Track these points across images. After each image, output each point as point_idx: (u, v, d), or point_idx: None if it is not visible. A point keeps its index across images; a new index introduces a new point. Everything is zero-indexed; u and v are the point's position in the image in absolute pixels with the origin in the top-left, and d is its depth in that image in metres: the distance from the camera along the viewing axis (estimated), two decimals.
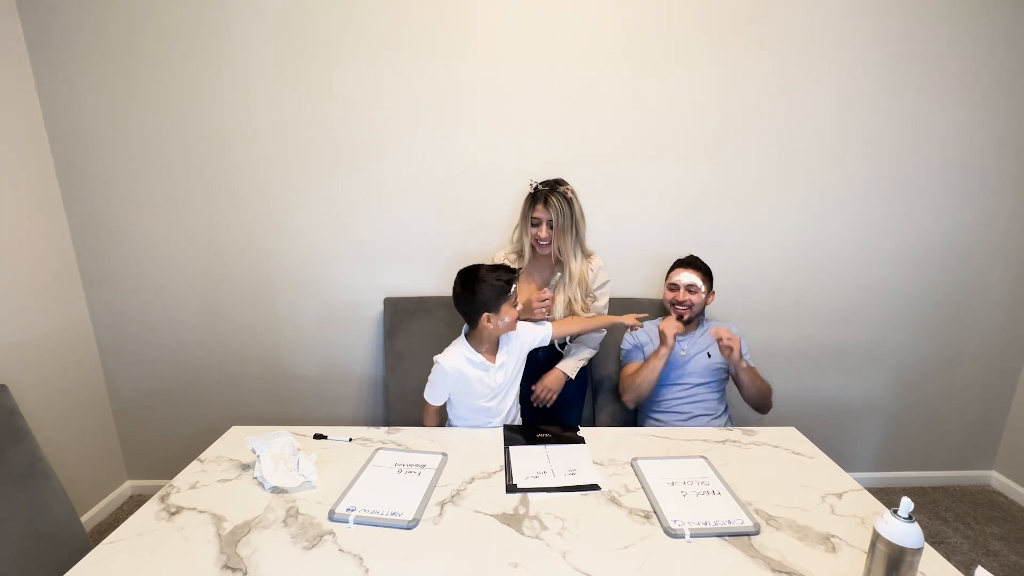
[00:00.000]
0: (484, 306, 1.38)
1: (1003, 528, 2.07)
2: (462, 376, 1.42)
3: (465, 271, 1.44)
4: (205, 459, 1.29)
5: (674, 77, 1.91)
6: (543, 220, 1.60)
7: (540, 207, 1.60)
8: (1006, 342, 2.22)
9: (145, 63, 1.84)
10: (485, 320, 1.39)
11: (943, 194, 2.04)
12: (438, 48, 1.86)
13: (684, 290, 1.74)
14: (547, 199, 1.59)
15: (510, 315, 1.40)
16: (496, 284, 1.38)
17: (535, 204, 1.61)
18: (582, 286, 1.68)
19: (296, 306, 2.08)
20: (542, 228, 1.61)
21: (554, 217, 1.59)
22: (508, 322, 1.41)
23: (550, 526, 1.04)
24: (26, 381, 1.76)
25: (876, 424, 2.28)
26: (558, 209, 1.58)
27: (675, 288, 1.76)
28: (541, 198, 1.60)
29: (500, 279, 1.39)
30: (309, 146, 1.93)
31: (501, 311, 1.39)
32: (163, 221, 1.97)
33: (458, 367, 1.42)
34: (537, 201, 1.61)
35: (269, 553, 0.96)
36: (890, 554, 0.82)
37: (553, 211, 1.59)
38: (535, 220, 1.62)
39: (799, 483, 1.20)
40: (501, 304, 1.39)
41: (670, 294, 1.77)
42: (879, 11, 1.87)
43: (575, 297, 1.67)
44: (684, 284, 1.73)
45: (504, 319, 1.40)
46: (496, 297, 1.38)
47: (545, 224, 1.61)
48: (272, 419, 2.12)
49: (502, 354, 1.47)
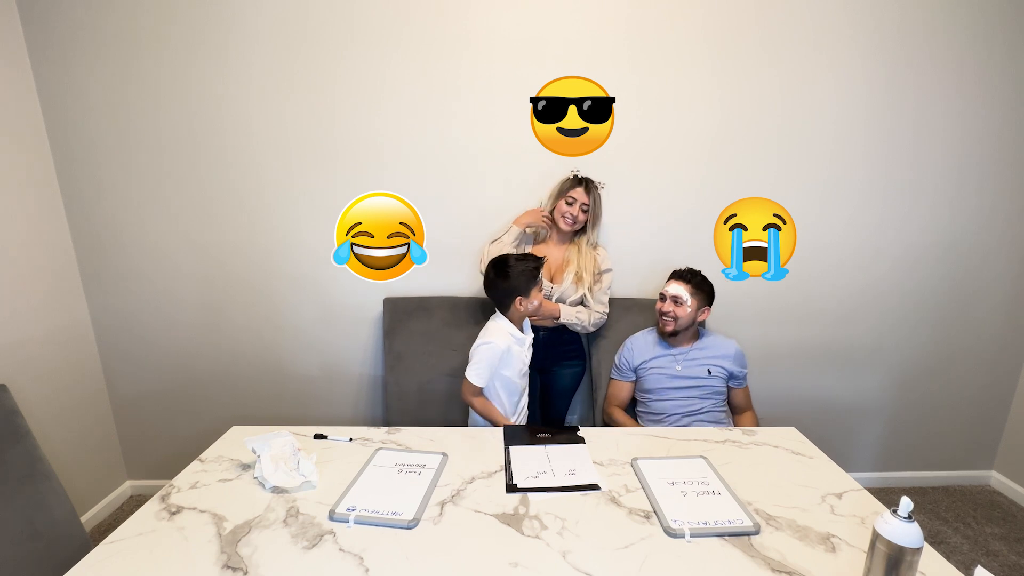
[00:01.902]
0: (516, 291, 1.56)
1: (1003, 528, 2.07)
2: (508, 352, 1.57)
3: (497, 260, 1.61)
4: (205, 459, 1.29)
5: (674, 77, 1.91)
6: (578, 201, 1.81)
7: (581, 190, 1.81)
8: (1006, 342, 2.22)
9: (145, 63, 1.84)
10: (518, 303, 1.57)
11: (943, 194, 2.05)
12: (438, 48, 1.86)
13: (669, 301, 1.73)
14: (588, 186, 1.83)
15: (538, 298, 1.59)
16: (527, 271, 1.56)
17: (576, 186, 1.82)
18: (596, 266, 1.86)
19: (296, 306, 2.08)
20: (575, 207, 1.81)
21: (591, 203, 1.82)
22: (536, 305, 1.59)
23: (550, 526, 1.04)
24: (26, 381, 1.76)
25: (876, 424, 2.28)
26: (595, 197, 1.84)
27: (663, 298, 1.76)
28: (583, 183, 1.82)
29: (529, 266, 1.57)
30: (309, 146, 1.93)
31: (531, 294, 1.57)
32: (163, 221, 1.97)
33: (508, 343, 1.56)
34: (579, 185, 1.82)
35: (269, 553, 0.96)
36: (890, 554, 0.82)
37: (592, 197, 1.83)
38: (571, 199, 1.81)
39: (799, 483, 1.20)
40: (531, 288, 1.57)
41: (659, 303, 1.78)
42: (879, 11, 1.87)
43: (585, 270, 1.83)
44: (670, 295, 1.73)
45: (534, 302, 1.58)
46: (527, 282, 1.56)
47: (579, 205, 1.81)
48: (272, 419, 2.12)
49: (528, 334, 1.66)
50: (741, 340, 1.87)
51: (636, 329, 1.89)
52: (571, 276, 1.82)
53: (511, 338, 1.57)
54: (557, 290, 1.83)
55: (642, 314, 1.98)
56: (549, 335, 1.86)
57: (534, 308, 1.59)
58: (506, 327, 1.59)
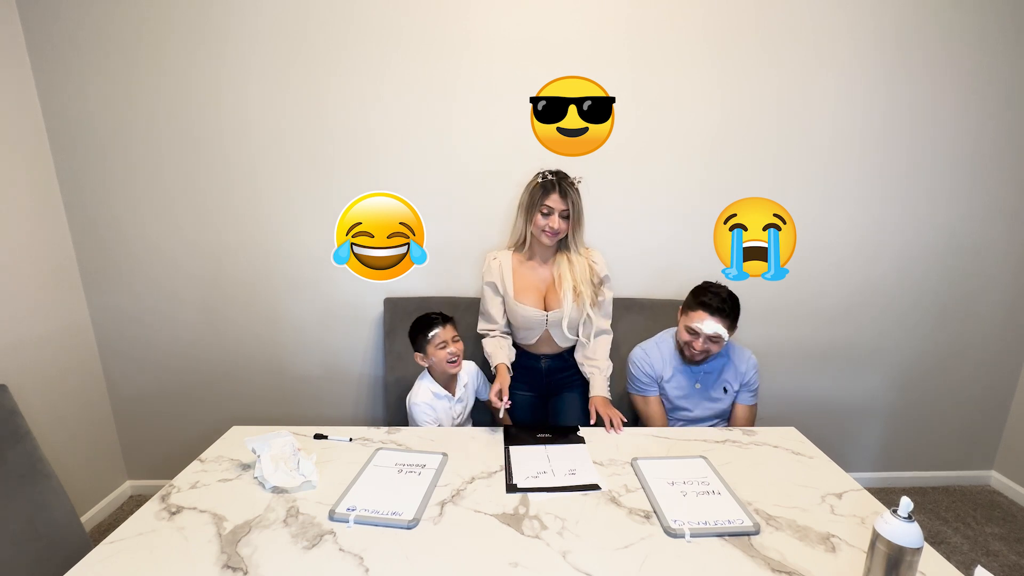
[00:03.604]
0: (414, 346, 1.59)
1: (1003, 528, 2.07)
2: (431, 407, 1.57)
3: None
4: (205, 459, 1.29)
5: (674, 77, 1.91)
6: (556, 209, 1.57)
7: (556, 196, 1.56)
8: (1006, 342, 2.22)
9: (145, 63, 1.84)
10: (418, 359, 1.59)
11: (943, 193, 2.05)
12: (438, 48, 1.86)
13: (705, 339, 1.51)
14: (562, 188, 1.57)
15: (436, 356, 1.55)
16: (415, 329, 1.58)
17: (548, 193, 1.57)
18: (594, 278, 1.64)
19: (296, 306, 2.08)
20: (553, 218, 1.57)
21: (570, 207, 1.57)
22: (435, 362, 1.56)
23: (550, 526, 1.04)
24: (26, 381, 1.76)
25: (876, 424, 2.28)
26: (573, 199, 1.58)
27: (694, 334, 1.52)
28: (555, 187, 1.57)
29: (418, 324, 1.58)
30: (309, 146, 1.93)
31: (427, 352, 1.56)
32: (163, 221, 1.97)
33: (427, 399, 1.57)
34: (551, 191, 1.57)
35: (269, 553, 0.96)
36: (890, 554, 0.82)
37: (570, 201, 1.57)
38: (547, 209, 1.57)
39: (799, 483, 1.20)
40: (425, 346, 1.55)
41: (687, 336, 1.54)
42: (878, 11, 1.87)
43: (582, 283, 1.60)
44: (707, 334, 1.50)
45: (431, 359, 1.56)
46: (416, 340, 1.58)
47: (558, 214, 1.57)
48: (272, 419, 2.12)
49: (459, 389, 1.63)
50: (741, 340, 1.87)
51: (635, 330, 1.88)
52: (570, 294, 1.59)
53: (431, 395, 1.57)
54: (559, 317, 1.62)
55: (642, 314, 1.98)
56: (551, 362, 1.74)
57: (435, 364, 1.55)
58: (427, 385, 1.59)
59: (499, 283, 1.68)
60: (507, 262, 1.69)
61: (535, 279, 1.67)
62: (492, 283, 1.70)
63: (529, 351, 1.75)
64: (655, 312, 1.98)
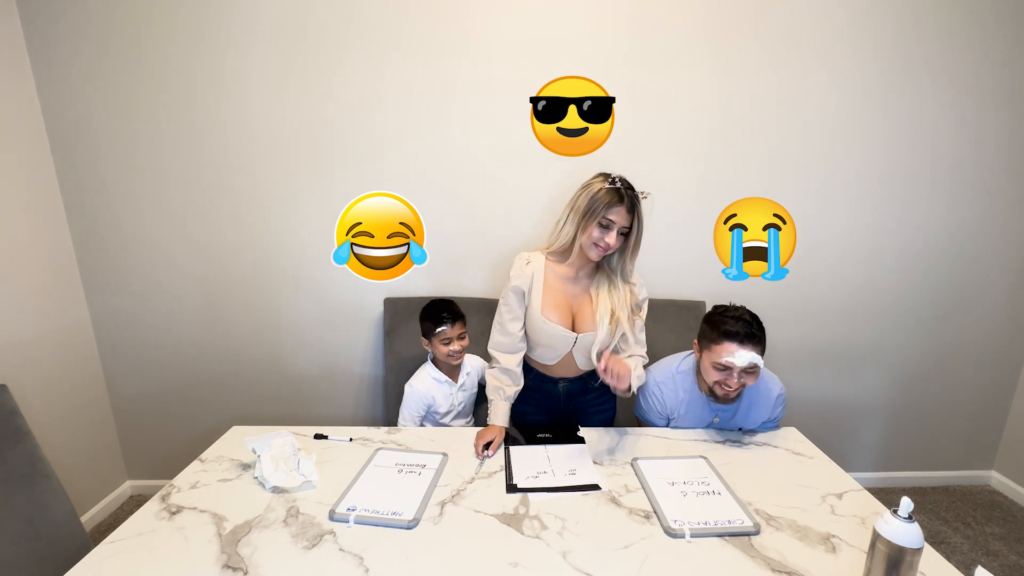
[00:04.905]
0: (422, 331, 1.65)
1: (1003, 528, 2.07)
2: (429, 395, 1.61)
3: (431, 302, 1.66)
4: (205, 459, 1.29)
5: (674, 77, 1.90)
6: (617, 224, 1.30)
7: (622, 210, 1.29)
8: (1006, 342, 2.21)
9: (145, 63, 1.84)
10: (423, 343, 1.65)
11: (942, 193, 2.04)
12: (438, 48, 1.86)
13: (740, 373, 1.27)
14: (631, 202, 1.30)
15: (438, 349, 1.60)
16: (425, 315, 1.62)
17: (615, 205, 1.29)
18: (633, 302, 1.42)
19: (296, 306, 2.08)
20: (612, 233, 1.31)
21: (634, 227, 1.33)
22: (437, 353, 1.62)
23: (550, 526, 1.04)
24: (26, 381, 1.76)
25: (876, 424, 2.28)
26: (639, 217, 1.32)
27: (725, 370, 1.28)
28: (626, 199, 1.29)
29: (429, 313, 1.61)
30: (309, 146, 1.93)
31: (432, 343, 1.61)
32: (163, 221, 1.97)
33: (427, 386, 1.61)
34: (618, 202, 1.29)
35: (269, 553, 0.96)
36: (890, 554, 0.82)
37: (638, 219, 1.32)
38: (608, 221, 1.30)
39: (799, 483, 1.20)
40: (431, 338, 1.60)
41: (717, 376, 1.30)
42: (878, 12, 1.87)
43: (620, 309, 1.38)
44: (741, 367, 1.26)
45: (434, 349, 1.62)
46: (423, 326, 1.63)
47: (617, 229, 1.31)
48: (272, 419, 2.12)
49: (462, 376, 1.67)
50: None
51: None
52: (606, 319, 1.36)
53: (431, 380, 1.62)
54: (588, 340, 1.39)
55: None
56: (570, 385, 1.53)
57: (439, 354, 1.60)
58: (428, 370, 1.64)
59: (527, 291, 1.43)
60: (539, 269, 1.43)
61: (565, 294, 1.43)
62: (520, 289, 1.43)
63: (544, 373, 1.54)
64: (655, 312, 1.97)
